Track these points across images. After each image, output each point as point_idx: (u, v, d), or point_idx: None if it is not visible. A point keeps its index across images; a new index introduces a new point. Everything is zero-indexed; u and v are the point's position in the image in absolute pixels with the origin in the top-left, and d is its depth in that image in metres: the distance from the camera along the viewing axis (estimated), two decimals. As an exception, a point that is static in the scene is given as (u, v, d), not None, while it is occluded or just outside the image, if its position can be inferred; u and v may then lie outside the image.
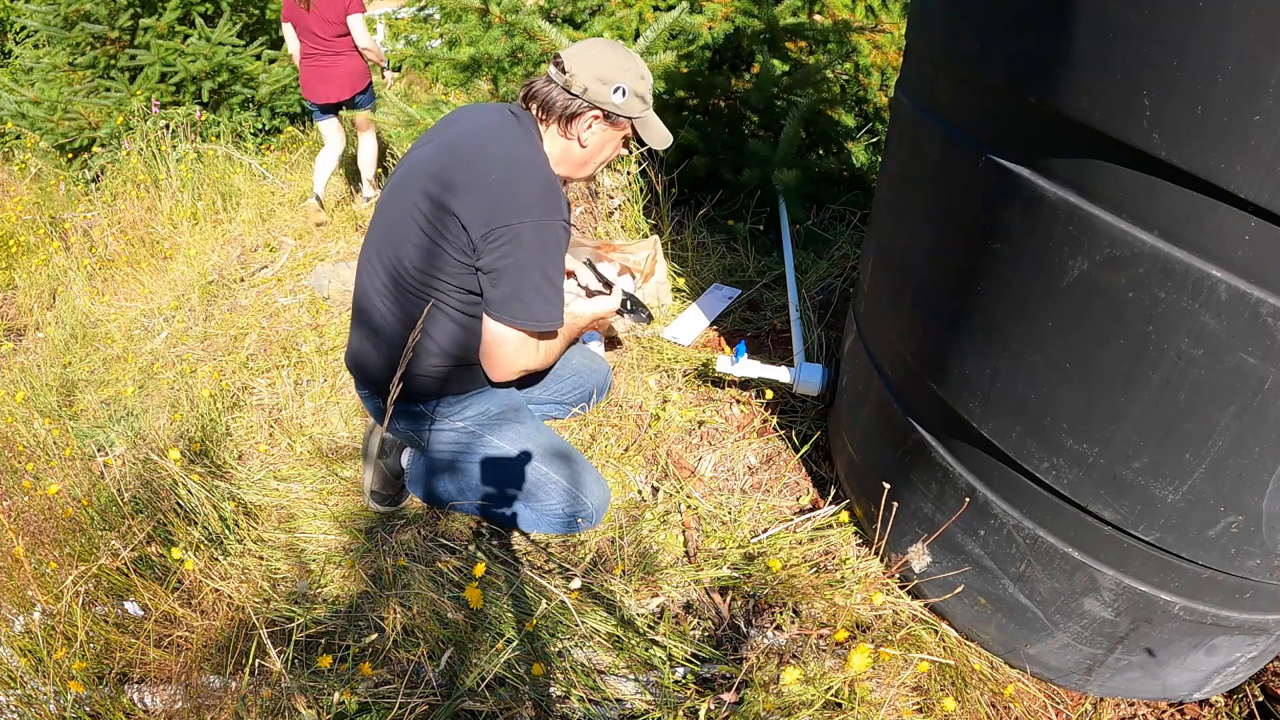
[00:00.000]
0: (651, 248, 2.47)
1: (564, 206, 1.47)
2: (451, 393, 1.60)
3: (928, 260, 1.24)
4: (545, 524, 1.66)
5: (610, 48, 1.49)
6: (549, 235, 1.42)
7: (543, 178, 1.44)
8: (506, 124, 1.50)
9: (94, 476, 1.92)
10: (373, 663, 1.42)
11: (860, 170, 2.90)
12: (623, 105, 1.49)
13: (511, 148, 1.46)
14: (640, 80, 1.49)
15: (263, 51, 4.51)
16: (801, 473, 1.88)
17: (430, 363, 1.52)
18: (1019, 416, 1.09)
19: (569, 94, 1.47)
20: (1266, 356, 0.80)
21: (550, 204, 1.42)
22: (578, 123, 1.50)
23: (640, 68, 1.50)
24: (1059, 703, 1.41)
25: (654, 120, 1.58)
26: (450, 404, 1.62)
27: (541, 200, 1.41)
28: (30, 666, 1.35)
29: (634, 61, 1.50)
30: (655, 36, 2.42)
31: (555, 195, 1.44)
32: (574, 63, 1.46)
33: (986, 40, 0.99)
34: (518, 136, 1.48)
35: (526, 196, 1.40)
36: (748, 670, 1.32)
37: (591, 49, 1.48)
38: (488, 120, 1.51)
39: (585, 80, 1.46)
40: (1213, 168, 0.73)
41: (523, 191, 1.41)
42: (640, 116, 1.54)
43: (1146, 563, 1.09)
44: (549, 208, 1.42)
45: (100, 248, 3.51)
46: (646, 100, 1.53)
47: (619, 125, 1.54)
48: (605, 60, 1.47)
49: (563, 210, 1.45)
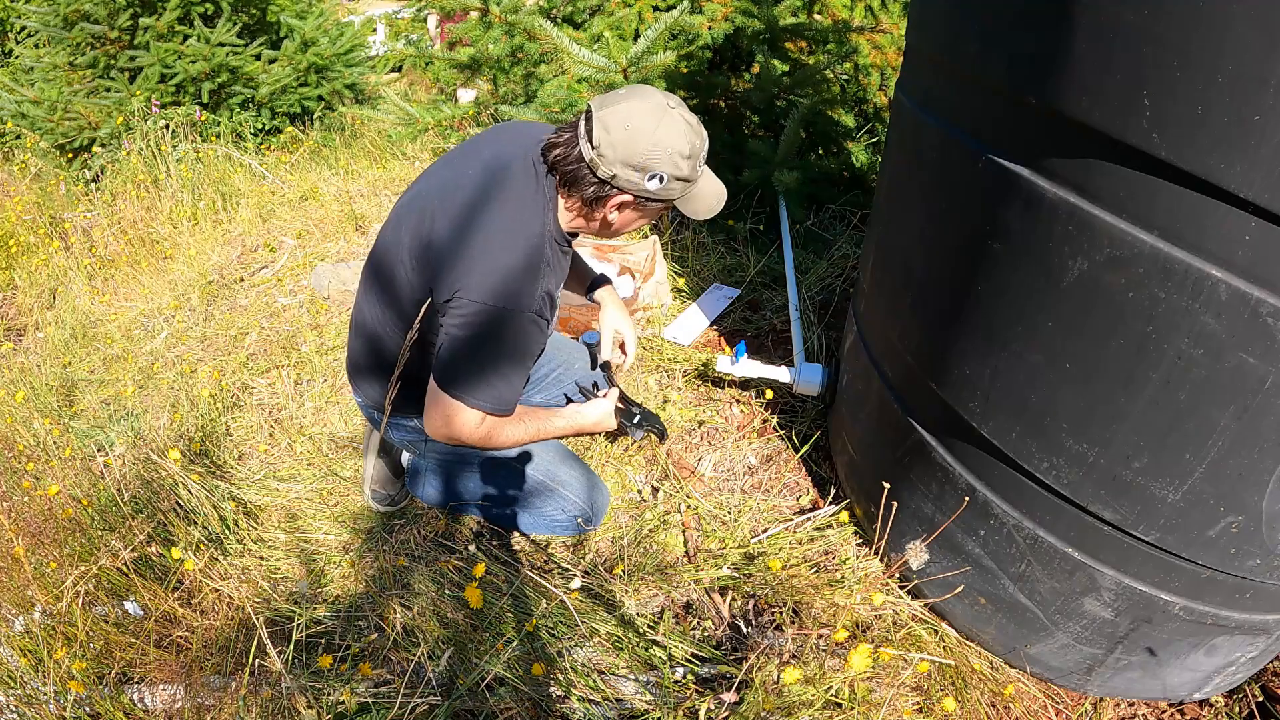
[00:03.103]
0: (651, 248, 2.48)
1: (539, 297, 1.30)
2: None
3: (928, 260, 1.24)
4: (545, 527, 1.66)
5: (654, 114, 1.22)
6: (510, 323, 1.28)
7: (524, 263, 1.28)
8: (521, 178, 1.33)
9: (94, 476, 1.92)
10: (373, 663, 1.42)
11: (860, 170, 2.90)
12: (659, 192, 1.28)
13: (510, 216, 1.31)
14: (684, 161, 1.24)
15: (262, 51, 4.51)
16: (801, 473, 1.88)
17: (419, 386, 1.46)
18: (1019, 416, 1.09)
19: (595, 176, 1.26)
20: (1266, 356, 0.80)
21: (523, 293, 1.28)
22: (603, 206, 1.32)
23: (687, 141, 1.24)
24: (1059, 703, 1.41)
25: (702, 191, 1.35)
26: None
27: (514, 287, 1.27)
28: (30, 666, 1.35)
29: (679, 135, 1.23)
30: (655, 36, 2.42)
31: (532, 284, 1.29)
32: (604, 137, 1.22)
33: (986, 40, 0.99)
34: (525, 200, 1.32)
35: (499, 280, 1.26)
36: (748, 670, 1.32)
37: (628, 116, 1.21)
38: (503, 172, 1.35)
39: (614, 166, 1.23)
40: (1213, 168, 0.73)
41: (497, 272, 1.26)
42: (684, 197, 1.33)
43: (1146, 563, 1.09)
44: (519, 296, 1.27)
45: (100, 248, 3.51)
46: (692, 177, 1.29)
47: (652, 209, 1.35)
48: (643, 139, 1.21)
49: (534, 301, 1.29)
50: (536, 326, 1.32)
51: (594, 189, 1.28)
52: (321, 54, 4.66)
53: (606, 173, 1.25)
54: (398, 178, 3.87)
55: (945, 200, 1.16)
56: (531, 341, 1.34)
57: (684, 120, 1.25)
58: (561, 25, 3.10)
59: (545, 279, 1.32)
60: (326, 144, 4.53)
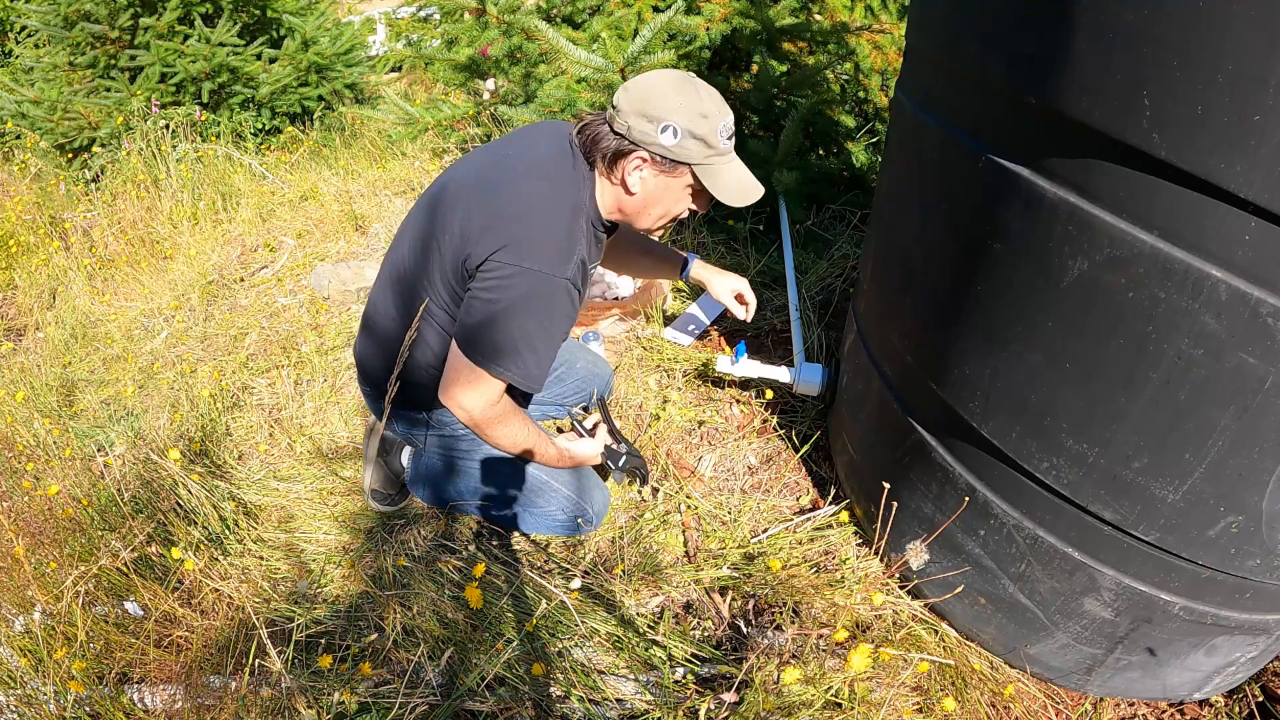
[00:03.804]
0: (651, 248, 2.47)
1: (575, 265, 1.29)
2: None
3: (928, 260, 1.24)
4: (545, 527, 1.67)
5: (674, 79, 1.27)
6: (546, 289, 1.27)
7: (563, 229, 1.29)
8: (556, 159, 1.36)
9: (94, 476, 1.92)
10: (373, 663, 1.42)
11: (860, 170, 2.90)
12: (674, 149, 1.27)
13: (546, 186, 1.32)
14: (701, 119, 1.25)
15: (263, 51, 4.51)
16: (801, 473, 1.88)
17: (425, 370, 1.48)
18: (1019, 416, 1.09)
19: (614, 131, 1.29)
20: (1266, 356, 0.80)
21: (559, 258, 1.27)
22: (623, 165, 1.31)
23: (705, 104, 1.26)
24: (1059, 703, 1.41)
25: (727, 170, 1.32)
26: (447, 413, 1.56)
27: (550, 252, 1.27)
28: (30, 666, 1.35)
29: (697, 97, 1.26)
30: (651, 36, 2.42)
31: (569, 250, 1.29)
32: (623, 96, 1.26)
33: (986, 40, 0.99)
34: (561, 176, 1.34)
35: (536, 244, 1.27)
36: (748, 670, 1.32)
37: (649, 79, 1.27)
38: (539, 151, 1.38)
39: (630, 118, 1.26)
40: (1213, 168, 0.73)
41: (535, 237, 1.27)
42: (704, 164, 1.30)
43: (1146, 563, 1.09)
44: (556, 261, 1.27)
45: (100, 248, 3.51)
46: (713, 144, 1.28)
47: (676, 172, 1.31)
48: (658, 92, 1.25)
49: (570, 269, 1.28)
50: (570, 298, 1.30)
51: (613, 143, 1.29)
52: (322, 53, 4.66)
53: (623, 125, 1.27)
54: (398, 178, 3.87)
55: (945, 200, 1.16)
56: (563, 312, 1.31)
57: (706, 86, 1.28)
58: (560, 25, 3.10)
59: (581, 248, 1.31)
60: (326, 144, 4.54)
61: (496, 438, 1.43)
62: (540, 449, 1.51)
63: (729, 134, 1.30)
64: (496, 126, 3.32)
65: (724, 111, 1.29)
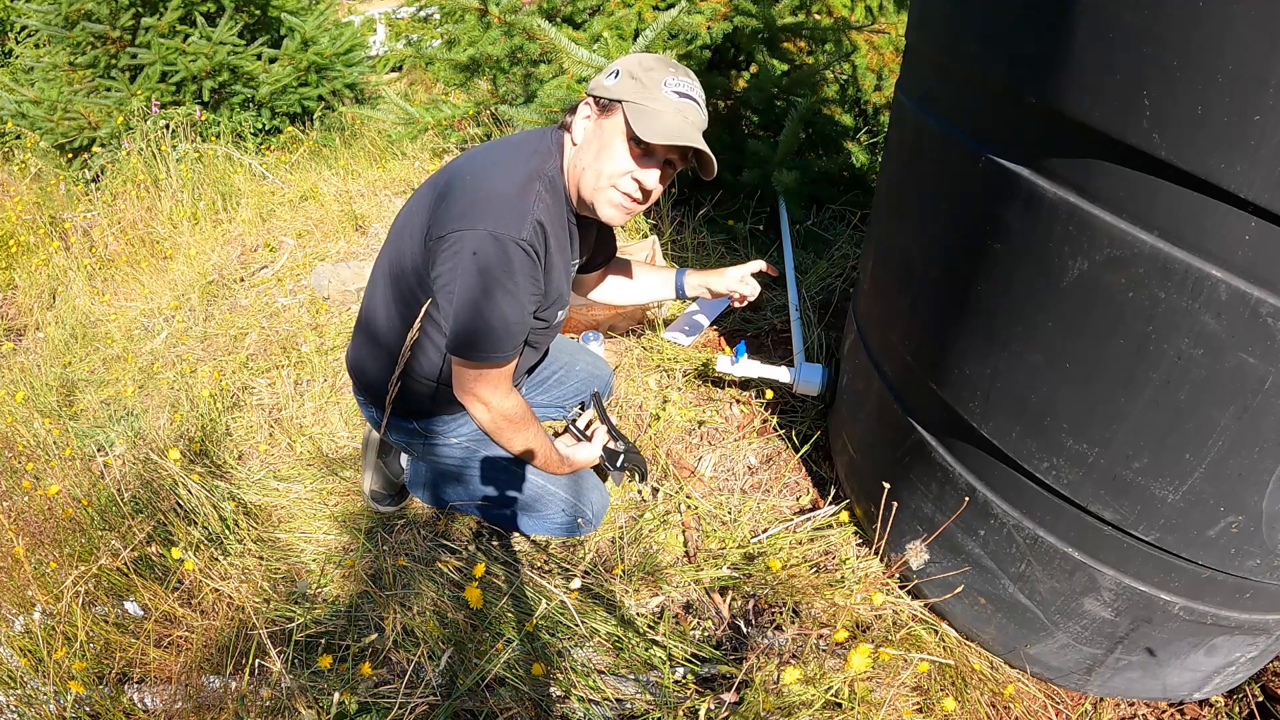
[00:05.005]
0: (650, 247, 2.47)
1: (530, 226, 1.24)
2: (443, 413, 1.55)
3: (927, 260, 1.24)
4: (545, 527, 1.66)
5: (653, 56, 1.31)
6: (497, 249, 1.21)
7: (513, 190, 1.26)
8: (527, 136, 1.38)
9: (94, 476, 1.92)
10: (373, 663, 1.42)
11: (860, 170, 2.90)
12: (612, 87, 1.26)
13: (508, 156, 1.33)
14: (647, 70, 1.25)
15: (263, 51, 4.51)
16: (801, 473, 1.88)
17: (420, 381, 1.48)
18: (1019, 416, 1.09)
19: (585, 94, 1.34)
20: (1266, 356, 0.80)
21: (511, 215, 1.22)
22: (574, 117, 1.33)
23: (661, 64, 1.27)
24: (1059, 703, 1.41)
25: (659, 116, 1.24)
26: (443, 423, 1.57)
27: (500, 209, 1.23)
28: (30, 666, 1.35)
29: (657, 59, 1.29)
30: (654, 36, 2.42)
31: (521, 210, 1.24)
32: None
33: (986, 40, 0.99)
34: (526, 147, 1.34)
35: (483, 204, 1.23)
36: (748, 670, 1.32)
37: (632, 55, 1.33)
38: (516, 136, 1.41)
39: (594, 77, 1.34)
40: (1213, 168, 0.73)
41: (482, 198, 1.24)
42: (633, 101, 1.25)
43: (1146, 563, 1.09)
44: (507, 219, 1.22)
45: (100, 248, 3.51)
46: (650, 88, 1.24)
47: (610, 111, 1.28)
48: (629, 58, 1.30)
49: (524, 229, 1.23)
50: (528, 257, 1.25)
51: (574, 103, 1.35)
52: (322, 53, 4.66)
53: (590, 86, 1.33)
54: (397, 178, 3.87)
55: (945, 200, 1.16)
56: (522, 273, 1.25)
57: (681, 66, 1.32)
58: (561, 25, 3.10)
59: (537, 210, 1.26)
60: (326, 144, 4.53)
61: (512, 436, 1.46)
62: (546, 450, 1.54)
63: (678, 92, 1.27)
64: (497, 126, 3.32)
65: (680, 73, 1.28)
